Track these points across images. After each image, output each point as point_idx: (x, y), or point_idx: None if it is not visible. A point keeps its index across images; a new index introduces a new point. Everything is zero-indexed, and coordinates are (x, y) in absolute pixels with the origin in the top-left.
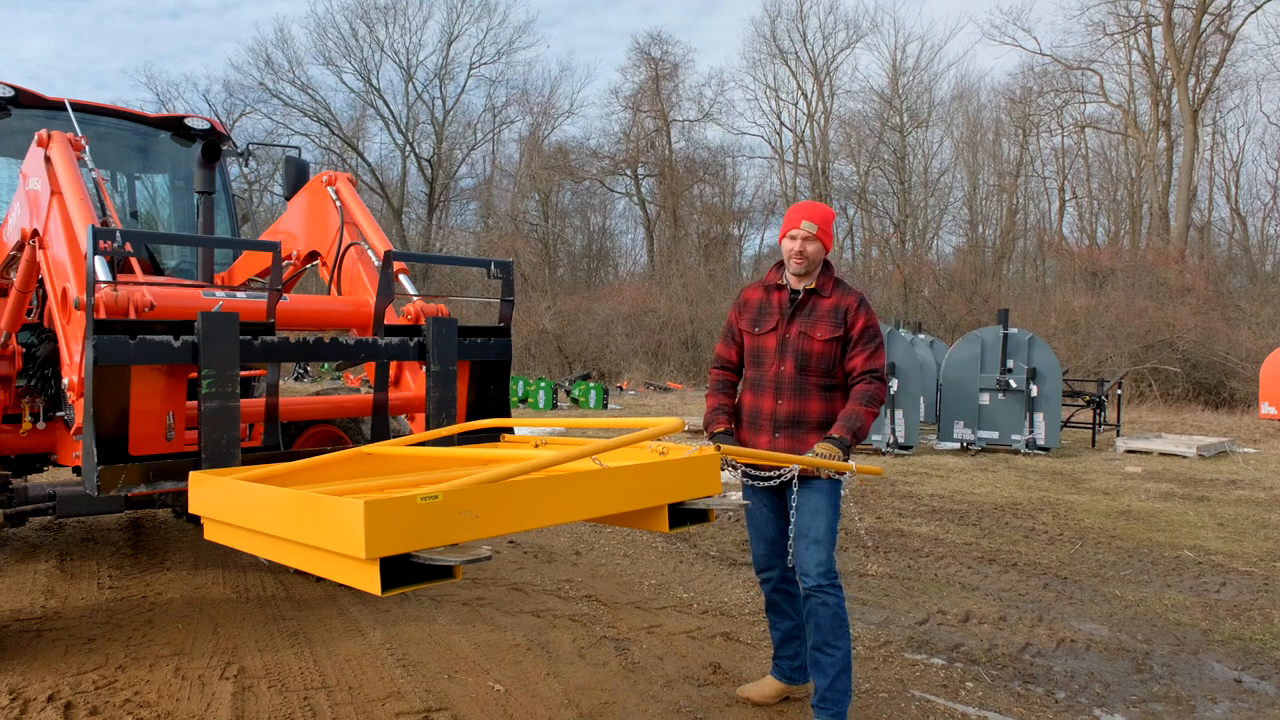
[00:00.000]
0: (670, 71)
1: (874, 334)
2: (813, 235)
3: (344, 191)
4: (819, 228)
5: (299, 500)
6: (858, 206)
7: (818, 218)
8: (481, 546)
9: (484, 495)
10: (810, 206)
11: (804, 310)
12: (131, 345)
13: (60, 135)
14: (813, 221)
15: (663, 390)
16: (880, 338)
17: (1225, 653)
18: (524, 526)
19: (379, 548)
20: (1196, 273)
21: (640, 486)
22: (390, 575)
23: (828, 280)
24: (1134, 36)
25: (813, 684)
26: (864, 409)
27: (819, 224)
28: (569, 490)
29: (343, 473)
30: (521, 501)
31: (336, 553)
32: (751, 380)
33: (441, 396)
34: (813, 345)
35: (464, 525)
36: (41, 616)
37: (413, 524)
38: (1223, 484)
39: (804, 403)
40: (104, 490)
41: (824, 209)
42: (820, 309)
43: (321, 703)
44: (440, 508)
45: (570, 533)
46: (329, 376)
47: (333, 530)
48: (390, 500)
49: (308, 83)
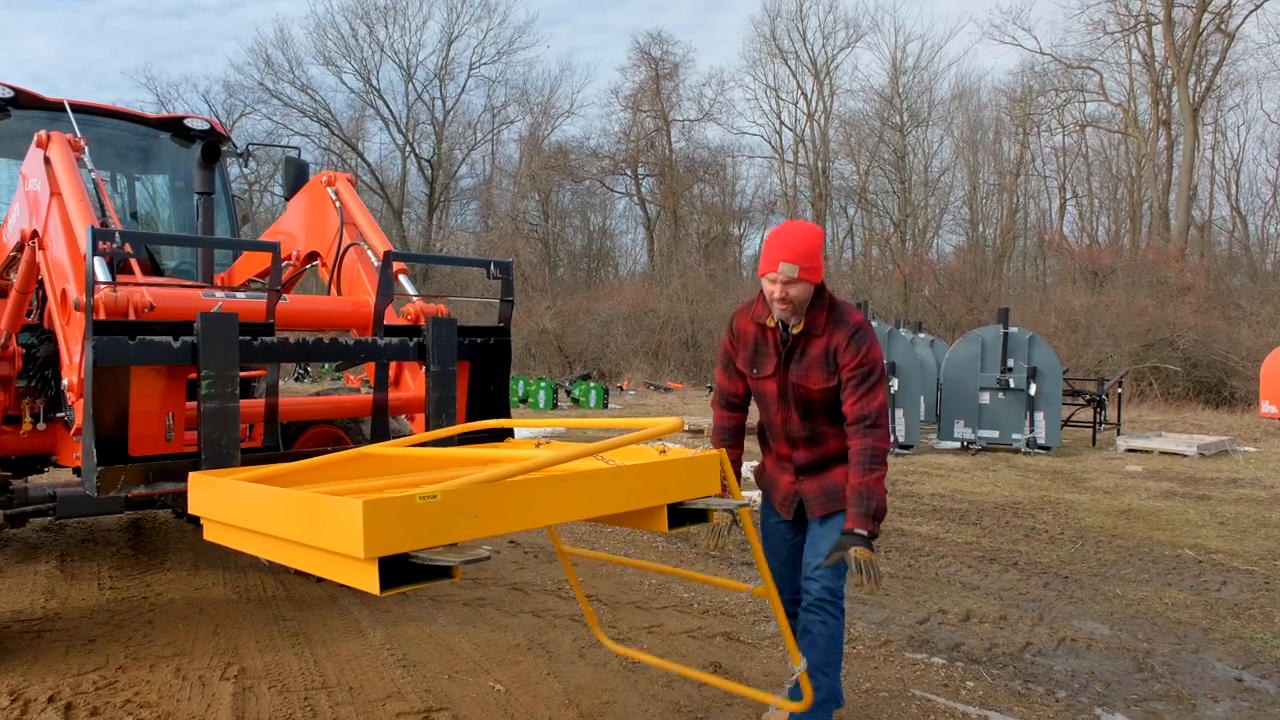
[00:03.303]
0: (670, 71)
1: (866, 372)
2: (794, 278)
3: (344, 192)
4: (800, 267)
5: (298, 500)
6: (858, 206)
7: (797, 256)
8: (481, 547)
9: (482, 495)
10: (787, 242)
11: (797, 354)
12: (131, 346)
13: (59, 136)
14: (792, 263)
15: (663, 390)
16: (875, 372)
17: (1226, 651)
18: (523, 526)
19: (377, 547)
20: (1197, 271)
21: (639, 486)
22: (389, 575)
23: (819, 314)
24: (1134, 35)
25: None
26: (870, 478)
27: (799, 263)
28: (567, 490)
29: (343, 473)
30: (520, 501)
31: (335, 552)
32: (764, 422)
33: (441, 397)
34: (810, 394)
35: (462, 525)
36: (42, 617)
37: (411, 524)
38: (1223, 483)
39: (820, 447)
40: (104, 491)
41: (804, 240)
42: (811, 353)
43: (322, 703)
44: (439, 507)
45: (570, 533)
46: (329, 377)
47: (331, 530)
48: (389, 500)
49: (307, 83)
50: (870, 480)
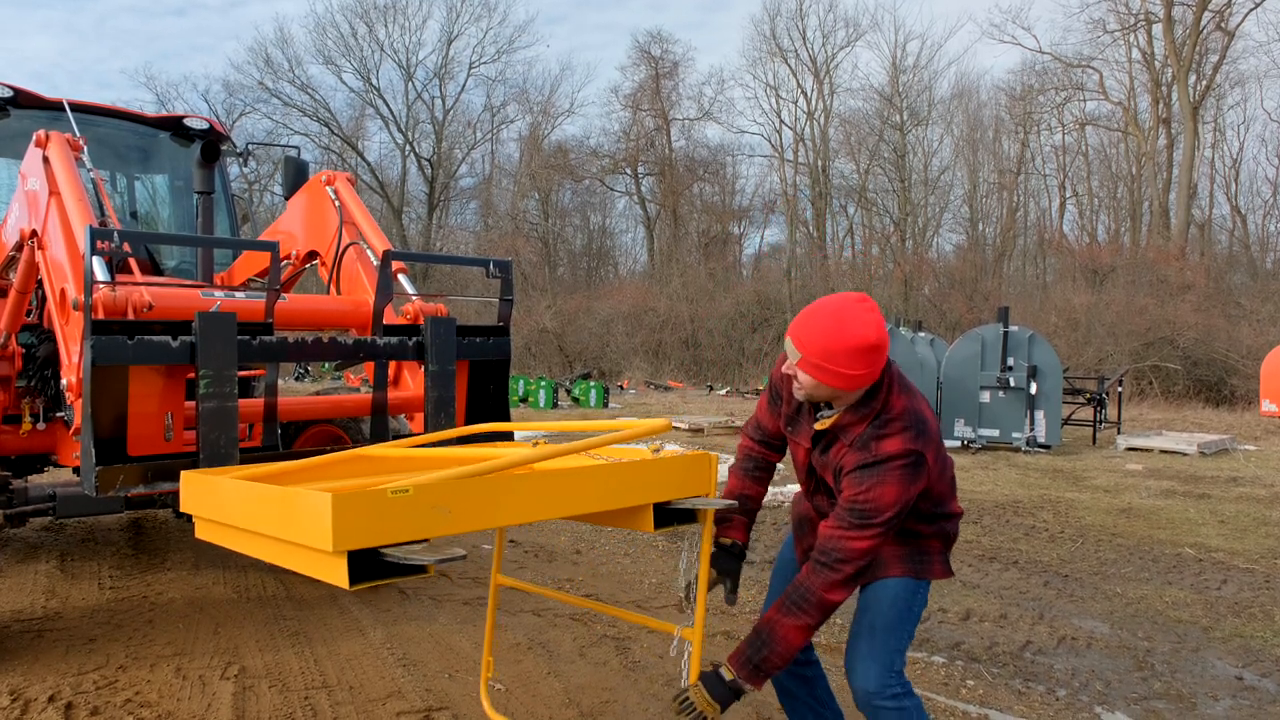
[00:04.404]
0: (670, 70)
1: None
2: (801, 371)
3: (343, 191)
4: (809, 360)
5: (273, 495)
6: (858, 205)
7: (805, 343)
8: (454, 546)
9: (457, 490)
10: (812, 322)
11: (822, 444)
12: (130, 346)
13: (58, 136)
14: (798, 348)
15: (663, 389)
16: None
17: (1226, 650)
18: (498, 523)
19: (346, 541)
20: (1197, 270)
21: (623, 485)
22: (359, 569)
23: (858, 424)
24: (1134, 34)
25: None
26: (784, 619)
27: (808, 354)
28: (546, 487)
29: (340, 472)
30: (496, 498)
31: (306, 546)
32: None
33: (440, 396)
34: (836, 489)
35: (436, 520)
36: (42, 617)
37: (382, 518)
38: (1223, 481)
39: None
40: (103, 491)
41: (830, 336)
42: (832, 454)
43: (322, 702)
44: (411, 502)
45: (571, 532)
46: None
47: (303, 523)
48: (359, 494)
49: (307, 82)
50: (782, 623)
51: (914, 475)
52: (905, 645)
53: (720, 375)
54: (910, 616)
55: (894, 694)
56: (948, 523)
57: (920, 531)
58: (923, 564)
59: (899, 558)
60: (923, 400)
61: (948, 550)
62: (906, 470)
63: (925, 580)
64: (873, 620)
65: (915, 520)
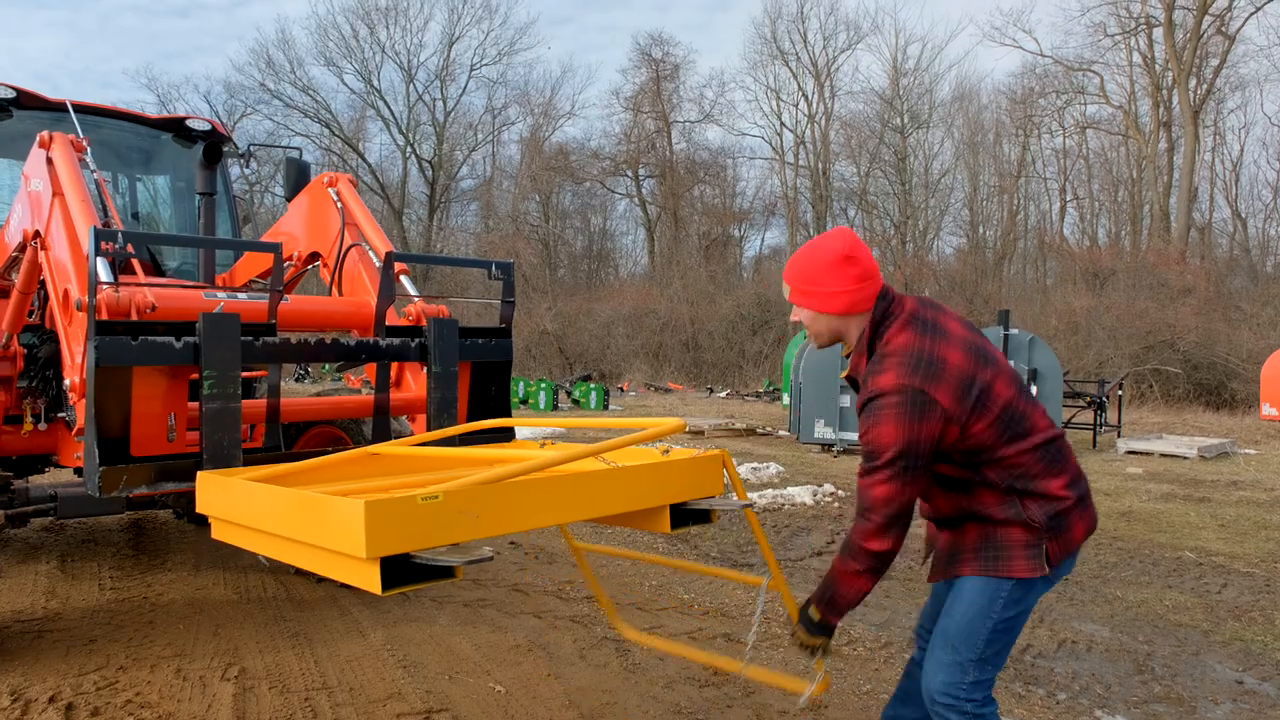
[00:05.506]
0: (671, 72)
1: (866, 453)
2: (796, 307)
3: (345, 192)
4: (790, 288)
5: (302, 500)
6: (858, 207)
7: (791, 274)
8: (483, 547)
9: (484, 495)
10: (798, 258)
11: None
12: (133, 346)
13: (62, 136)
14: (786, 282)
15: (664, 391)
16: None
17: (1227, 654)
18: (525, 526)
19: (379, 547)
20: (1197, 273)
21: (642, 487)
22: (391, 575)
23: (859, 358)
24: (1134, 37)
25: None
26: (839, 564)
27: (789, 282)
28: (570, 490)
29: (347, 473)
30: (522, 502)
31: (338, 552)
32: None
33: (442, 397)
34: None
35: (465, 525)
36: (43, 617)
37: (413, 524)
38: (1224, 485)
39: (949, 496)
40: (106, 491)
41: (803, 256)
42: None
43: (323, 703)
44: (441, 508)
45: (571, 533)
46: (330, 377)
47: (334, 530)
48: (391, 500)
49: (309, 84)
50: (838, 568)
51: (914, 413)
52: (988, 654)
53: (720, 378)
54: (989, 622)
55: (961, 709)
56: (1033, 504)
57: (993, 516)
58: (999, 559)
59: (972, 551)
60: (952, 344)
61: (1038, 541)
62: (903, 407)
63: (1006, 579)
64: (945, 624)
65: (987, 497)
